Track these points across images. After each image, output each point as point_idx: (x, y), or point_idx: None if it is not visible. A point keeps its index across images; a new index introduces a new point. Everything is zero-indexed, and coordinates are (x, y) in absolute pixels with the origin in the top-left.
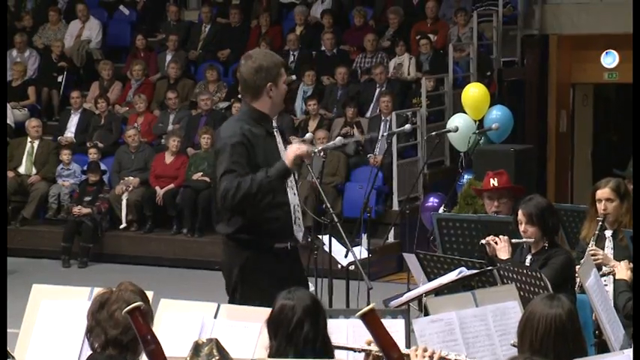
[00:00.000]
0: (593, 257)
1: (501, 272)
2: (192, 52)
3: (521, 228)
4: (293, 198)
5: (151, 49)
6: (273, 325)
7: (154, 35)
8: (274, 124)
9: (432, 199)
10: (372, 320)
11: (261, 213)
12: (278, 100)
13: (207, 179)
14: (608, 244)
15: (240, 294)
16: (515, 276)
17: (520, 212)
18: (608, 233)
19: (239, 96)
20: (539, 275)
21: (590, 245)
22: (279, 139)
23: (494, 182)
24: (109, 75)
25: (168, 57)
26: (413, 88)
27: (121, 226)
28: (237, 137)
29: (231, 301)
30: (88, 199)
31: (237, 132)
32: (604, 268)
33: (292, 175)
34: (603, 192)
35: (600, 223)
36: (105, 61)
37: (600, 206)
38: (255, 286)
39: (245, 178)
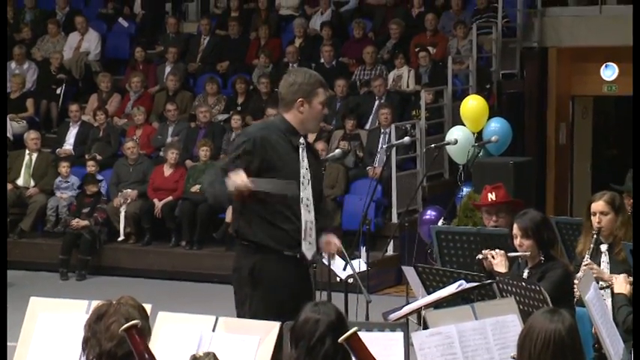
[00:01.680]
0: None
1: (501, 286)
2: (192, 64)
3: (517, 242)
4: (307, 215)
5: (150, 62)
6: (295, 335)
7: (152, 47)
8: (302, 140)
9: (430, 211)
10: (355, 344)
11: (268, 220)
12: (309, 117)
13: None
14: (604, 258)
15: (250, 298)
16: (514, 289)
17: (515, 226)
18: (604, 247)
19: (238, 108)
20: (538, 289)
21: (585, 259)
22: (304, 154)
23: (492, 197)
24: (107, 87)
25: (167, 69)
26: (412, 101)
27: (119, 239)
28: (248, 144)
29: (240, 307)
30: (85, 210)
31: (252, 135)
32: (600, 283)
33: (310, 193)
34: (597, 205)
35: (595, 236)
36: (104, 74)
37: (595, 219)
38: (265, 290)
39: (216, 178)
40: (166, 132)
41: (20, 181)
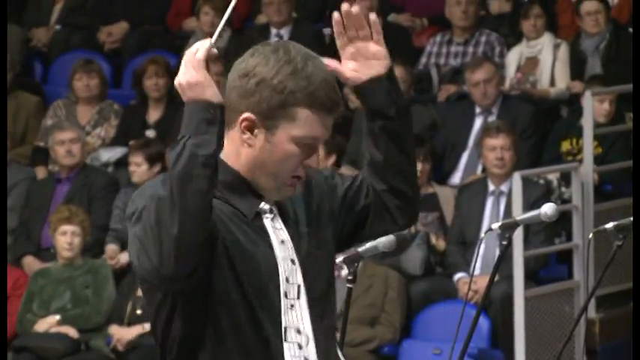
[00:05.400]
0: None
1: None
2: (39, 30)
3: None
4: (290, 314)
5: None
6: None
7: None
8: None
9: None
10: None
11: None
12: (262, 162)
13: None
14: None
15: None
16: None
17: None
18: None
19: (149, 131)
20: None
21: None
22: (275, 230)
23: None
24: None
25: None
26: (564, 118)
27: None
28: None
29: None
30: None
31: None
32: None
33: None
34: None
35: None
36: None
37: None
38: None
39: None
40: None
41: None
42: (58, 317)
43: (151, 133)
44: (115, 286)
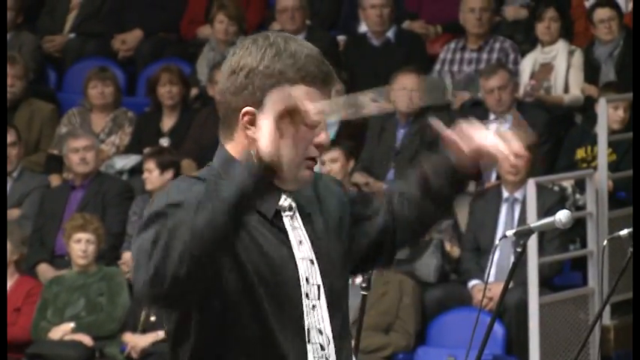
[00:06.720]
0: None
1: None
2: (54, 38)
3: None
4: (313, 316)
5: None
6: None
7: None
8: (285, 199)
9: None
10: None
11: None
12: None
13: None
14: None
15: None
16: None
17: None
18: None
19: (163, 140)
20: None
21: None
22: (294, 229)
23: None
24: None
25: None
26: (579, 125)
27: None
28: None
29: None
30: None
31: (186, 192)
32: None
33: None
34: None
35: None
36: None
37: None
38: None
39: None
40: None
41: None
42: (72, 325)
43: (164, 141)
44: (129, 293)
